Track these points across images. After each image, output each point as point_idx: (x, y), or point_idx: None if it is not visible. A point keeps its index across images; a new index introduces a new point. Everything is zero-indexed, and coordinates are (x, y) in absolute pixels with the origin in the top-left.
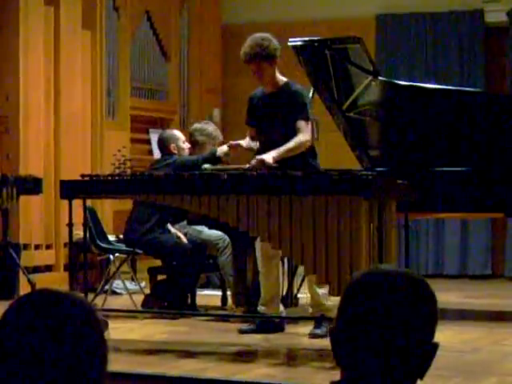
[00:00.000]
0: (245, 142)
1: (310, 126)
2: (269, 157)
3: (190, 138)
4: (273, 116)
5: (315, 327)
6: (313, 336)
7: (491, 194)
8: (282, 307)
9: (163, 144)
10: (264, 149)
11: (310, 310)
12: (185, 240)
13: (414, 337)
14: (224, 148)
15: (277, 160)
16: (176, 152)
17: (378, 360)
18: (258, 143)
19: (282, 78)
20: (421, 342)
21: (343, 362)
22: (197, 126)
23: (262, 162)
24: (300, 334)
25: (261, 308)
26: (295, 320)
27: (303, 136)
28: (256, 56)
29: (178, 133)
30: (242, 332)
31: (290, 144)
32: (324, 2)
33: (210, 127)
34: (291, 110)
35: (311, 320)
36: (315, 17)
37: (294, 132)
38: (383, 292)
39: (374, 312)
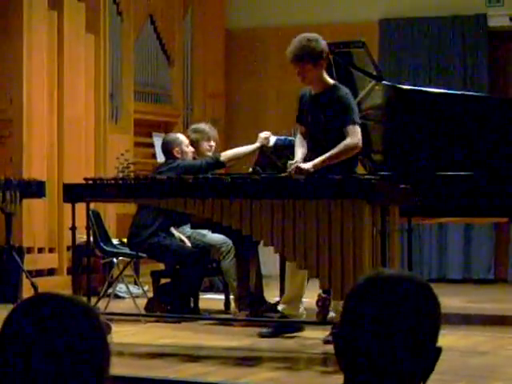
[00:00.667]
0: (300, 149)
1: (358, 129)
2: (309, 165)
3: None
4: (318, 120)
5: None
6: (326, 342)
7: (495, 199)
8: (302, 308)
9: (167, 148)
10: (312, 151)
11: (333, 314)
12: (188, 243)
13: (417, 341)
14: (228, 153)
15: (318, 167)
16: (179, 156)
17: (382, 364)
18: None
19: (329, 80)
20: (424, 347)
21: (346, 366)
22: (191, 126)
23: (300, 170)
24: (303, 338)
25: (280, 306)
26: (298, 323)
27: (347, 140)
28: (300, 57)
29: (181, 136)
30: (262, 336)
31: (334, 150)
32: (328, 6)
33: (203, 125)
34: (336, 115)
35: (312, 324)
36: (319, 21)
37: (340, 137)
38: (387, 296)
39: (378, 316)
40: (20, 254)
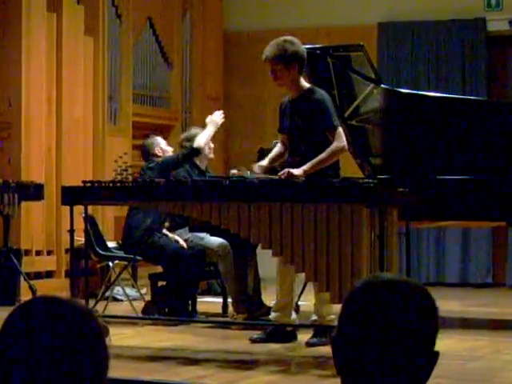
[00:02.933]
0: (272, 152)
1: (341, 132)
2: (299, 171)
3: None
4: (296, 124)
5: (313, 336)
6: (310, 345)
7: (493, 203)
8: (294, 315)
9: (147, 151)
10: (292, 156)
11: (314, 317)
12: (184, 244)
13: (414, 345)
14: (199, 139)
15: (308, 173)
16: (161, 154)
17: (379, 368)
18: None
19: (304, 84)
20: (421, 351)
21: (344, 370)
22: (182, 135)
23: (291, 175)
24: (301, 341)
25: (272, 314)
26: (296, 327)
27: (336, 144)
28: (273, 57)
29: (158, 138)
30: (252, 341)
31: (323, 155)
32: (326, 9)
33: (194, 130)
34: (314, 119)
35: (310, 327)
36: (318, 25)
37: (318, 141)
38: (384, 300)
39: (375, 320)
40: (18, 256)
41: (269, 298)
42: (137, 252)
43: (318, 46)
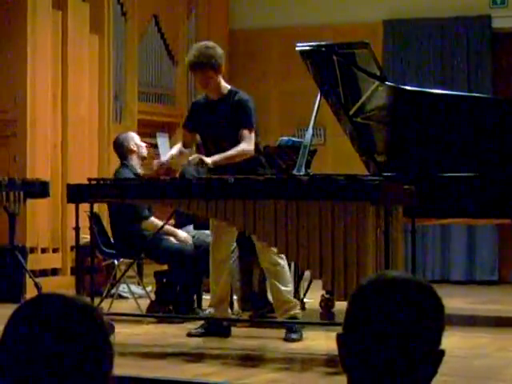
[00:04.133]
0: (174, 150)
1: (253, 134)
2: (209, 159)
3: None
4: (218, 124)
5: (291, 331)
6: (288, 340)
7: (498, 200)
8: (229, 310)
9: (121, 146)
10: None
11: (277, 313)
12: (187, 238)
13: (420, 343)
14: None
15: (217, 164)
16: (136, 149)
17: (384, 366)
18: (193, 149)
19: (225, 86)
20: (427, 349)
21: (349, 367)
22: None
23: (201, 160)
24: (306, 339)
25: (209, 310)
26: (301, 324)
27: (244, 145)
28: (202, 65)
29: (132, 133)
30: (189, 335)
31: (231, 152)
32: (331, 7)
33: None
34: (235, 119)
35: (315, 324)
36: (322, 22)
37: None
38: (390, 298)
39: (381, 318)
40: (23, 254)
41: None
42: (140, 250)
43: (322, 43)
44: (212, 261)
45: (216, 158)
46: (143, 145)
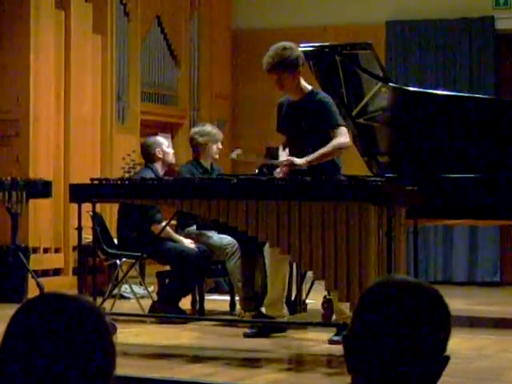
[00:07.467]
0: (283, 156)
1: (344, 130)
2: (302, 160)
3: (192, 143)
4: (300, 126)
5: (336, 334)
6: (331, 342)
7: (501, 201)
8: (285, 310)
9: (148, 150)
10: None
11: (334, 316)
12: (189, 244)
13: (425, 348)
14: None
15: (310, 164)
16: (161, 156)
17: (389, 369)
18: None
19: (306, 86)
20: (432, 354)
21: (355, 369)
22: (194, 129)
23: (292, 163)
24: (308, 340)
25: (264, 308)
26: (303, 325)
27: (339, 139)
28: (276, 66)
29: (160, 138)
30: (246, 336)
31: (325, 148)
32: (334, 8)
33: (208, 127)
34: (319, 120)
35: (317, 325)
36: (326, 23)
37: (323, 141)
38: (397, 302)
39: (388, 322)
40: (26, 254)
41: None
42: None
43: (326, 44)
44: (270, 261)
45: (310, 157)
46: (171, 151)
